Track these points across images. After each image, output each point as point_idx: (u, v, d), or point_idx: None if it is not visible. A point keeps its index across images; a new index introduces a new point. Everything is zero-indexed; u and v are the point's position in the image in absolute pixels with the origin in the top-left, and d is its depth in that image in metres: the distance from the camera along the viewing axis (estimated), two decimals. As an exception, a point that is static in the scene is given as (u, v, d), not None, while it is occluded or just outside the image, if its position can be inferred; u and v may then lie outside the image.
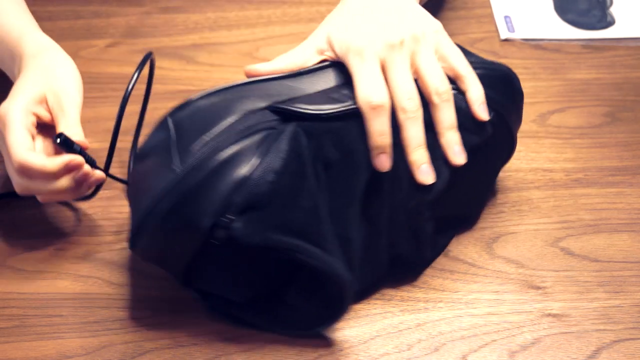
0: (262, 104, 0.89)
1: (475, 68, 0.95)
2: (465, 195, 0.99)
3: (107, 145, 0.98)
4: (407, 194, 0.92)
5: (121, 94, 1.14)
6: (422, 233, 0.96)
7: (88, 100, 1.14)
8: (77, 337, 0.93)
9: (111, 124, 1.11)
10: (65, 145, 0.93)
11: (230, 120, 0.88)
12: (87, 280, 0.97)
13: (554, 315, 0.96)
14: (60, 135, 0.93)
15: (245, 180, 0.85)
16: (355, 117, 0.90)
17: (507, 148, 1.01)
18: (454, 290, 0.97)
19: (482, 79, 0.95)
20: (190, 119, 0.89)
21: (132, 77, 0.99)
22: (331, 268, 0.87)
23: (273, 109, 0.89)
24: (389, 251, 0.95)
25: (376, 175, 0.91)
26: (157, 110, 1.13)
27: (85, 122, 1.11)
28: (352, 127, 0.90)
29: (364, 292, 0.96)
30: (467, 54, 0.97)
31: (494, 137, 0.96)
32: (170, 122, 0.90)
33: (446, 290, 0.97)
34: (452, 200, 0.96)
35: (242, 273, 0.91)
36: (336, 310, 0.90)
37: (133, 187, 0.92)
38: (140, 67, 1.00)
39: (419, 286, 0.98)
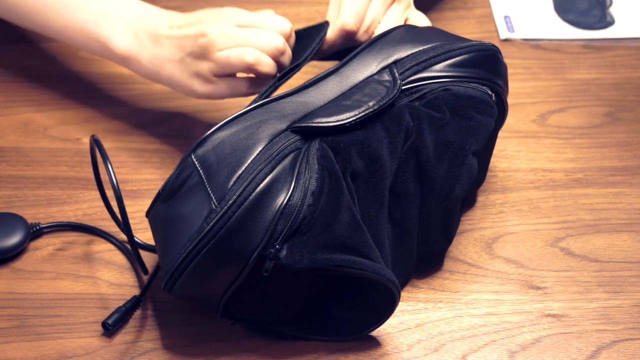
0: (283, 125, 0.89)
1: (469, 52, 0.96)
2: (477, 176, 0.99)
3: (107, 145, 0.98)
4: (438, 195, 0.93)
5: (121, 94, 1.15)
6: (453, 226, 0.97)
7: (88, 100, 1.14)
8: (76, 337, 0.93)
9: (111, 124, 1.11)
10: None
11: (258, 148, 0.87)
12: (87, 280, 0.97)
13: (554, 316, 0.96)
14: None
15: (284, 207, 0.84)
16: (371, 122, 0.90)
17: (501, 120, 1.01)
18: (454, 291, 0.97)
19: (477, 61, 0.96)
20: (215, 153, 0.87)
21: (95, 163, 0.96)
22: (381, 275, 0.87)
23: (294, 128, 0.89)
24: (421, 248, 0.95)
25: (401, 179, 0.92)
26: (157, 109, 1.13)
27: (84, 122, 1.11)
28: (372, 134, 0.90)
29: None
30: (455, 38, 0.98)
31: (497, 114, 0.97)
32: (194, 159, 0.88)
33: (446, 290, 0.97)
34: None
35: (287, 296, 0.91)
36: (383, 314, 0.90)
37: (160, 230, 0.90)
38: (92, 156, 0.96)
39: (419, 286, 0.98)
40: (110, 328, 0.92)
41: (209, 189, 0.85)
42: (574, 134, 1.13)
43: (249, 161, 0.86)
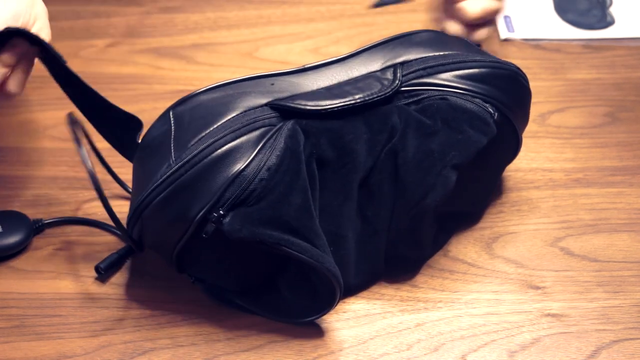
0: (263, 101, 0.90)
1: (483, 67, 0.95)
2: (469, 193, 0.98)
3: (106, 145, 0.98)
4: (409, 200, 0.92)
5: (121, 94, 1.15)
6: (424, 236, 0.96)
7: (88, 100, 1.14)
8: (76, 337, 0.93)
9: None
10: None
11: (228, 116, 0.88)
12: (87, 280, 0.97)
13: (554, 315, 0.96)
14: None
15: (238, 176, 0.86)
16: (353, 114, 0.90)
17: (512, 148, 1.01)
18: (454, 290, 0.97)
19: (489, 78, 0.95)
20: (190, 113, 0.89)
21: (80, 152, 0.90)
22: (320, 262, 0.87)
23: (273, 105, 0.89)
24: (388, 250, 0.95)
25: (378, 177, 0.92)
26: (157, 110, 1.13)
27: (84, 122, 1.11)
28: (350, 126, 0.90)
29: (360, 287, 0.96)
30: (477, 51, 0.97)
31: (498, 136, 0.95)
32: (171, 115, 0.90)
33: (446, 290, 0.97)
34: (456, 199, 0.95)
35: (234, 264, 0.92)
36: (324, 304, 0.91)
37: (134, 175, 0.93)
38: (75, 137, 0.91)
39: (418, 286, 0.98)
40: (102, 272, 0.96)
41: (172, 145, 0.88)
42: (574, 134, 1.13)
43: (214, 126, 0.87)
